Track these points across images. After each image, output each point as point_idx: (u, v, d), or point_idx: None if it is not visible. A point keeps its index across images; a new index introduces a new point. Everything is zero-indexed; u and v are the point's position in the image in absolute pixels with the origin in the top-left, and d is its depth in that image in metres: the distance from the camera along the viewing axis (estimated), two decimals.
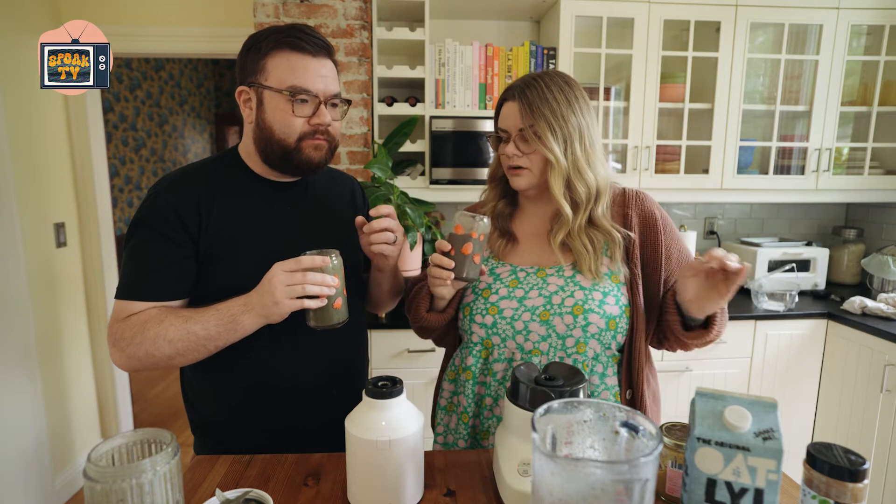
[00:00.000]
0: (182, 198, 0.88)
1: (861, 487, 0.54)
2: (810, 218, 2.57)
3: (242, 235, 0.91)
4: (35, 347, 1.98)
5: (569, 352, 0.89)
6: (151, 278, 0.87)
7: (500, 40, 2.25)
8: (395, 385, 0.71)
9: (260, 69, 0.88)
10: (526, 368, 0.73)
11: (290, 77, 0.86)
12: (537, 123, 0.88)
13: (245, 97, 0.91)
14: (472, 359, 0.95)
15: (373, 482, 0.68)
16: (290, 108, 0.87)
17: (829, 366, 2.01)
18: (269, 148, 0.90)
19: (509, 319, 0.91)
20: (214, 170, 0.94)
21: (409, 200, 1.93)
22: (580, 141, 0.89)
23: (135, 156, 4.03)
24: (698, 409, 0.59)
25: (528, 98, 0.88)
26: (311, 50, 0.87)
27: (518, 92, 0.90)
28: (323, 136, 0.90)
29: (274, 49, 0.87)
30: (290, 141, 0.89)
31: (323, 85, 0.88)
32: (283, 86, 0.86)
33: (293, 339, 0.93)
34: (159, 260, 0.87)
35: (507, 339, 0.91)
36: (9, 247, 1.86)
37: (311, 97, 0.88)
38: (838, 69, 2.12)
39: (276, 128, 0.88)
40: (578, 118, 0.89)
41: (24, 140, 1.98)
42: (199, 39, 2.22)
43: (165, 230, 0.87)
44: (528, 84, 0.90)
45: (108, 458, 0.62)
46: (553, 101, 0.88)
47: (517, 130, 0.90)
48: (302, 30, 0.88)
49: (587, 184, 0.90)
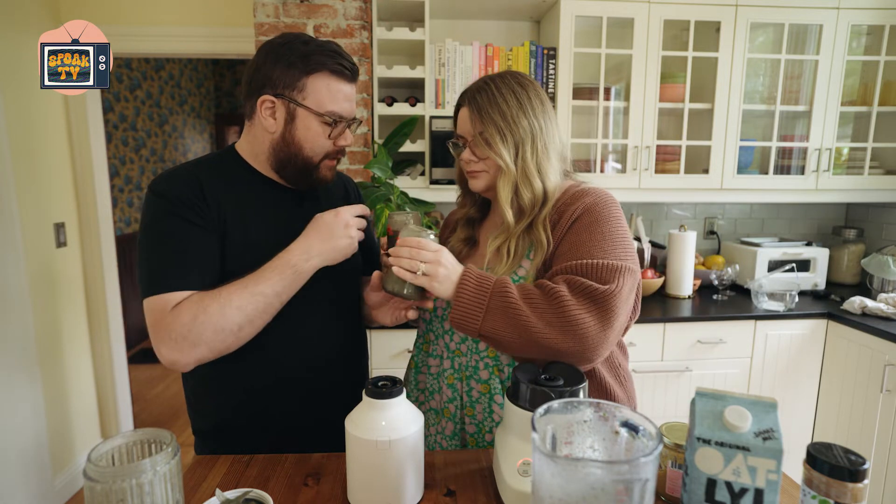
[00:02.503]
0: (187, 187, 0.87)
1: (861, 487, 0.54)
2: (810, 218, 2.57)
3: (245, 225, 0.91)
4: (35, 347, 1.98)
5: (482, 354, 0.90)
6: (182, 267, 0.83)
7: (500, 40, 2.25)
8: (395, 385, 0.71)
9: (298, 86, 0.88)
10: (526, 368, 0.73)
11: (331, 103, 0.89)
12: (487, 130, 0.87)
13: (269, 106, 0.89)
14: (415, 349, 1.01)
15: (373, 482, 0.68)
16: (325, 131, 0.90)
17: (829, 366, 2.01)
18: (290, 161, 0.92)
19: (440, 318, 0.95)
20: (215, 164, 0.94)
21: (409, 200, 1.93)
22: (532, 145, 0.87)
23: (135, 156, 4.03)
24: (698, 409, 0.59)
25: (479, 103, 0.88)
26: (349, 77, 0.91)
27: (469, 98, 0.90)
28: (341, 154, 0.96)
29: (317, 70, 0.88)
30: (316, 160, 0.93)
31: (351, 109, 0.93)
32: (323, 110, 0.89)
33: (293, 339, 0.94)
34: (186, 246, 0.84)
35: (438, 337, 0.96)
36: (9, 247, 1.86)
37: (343, 121, 0.92)
38: (838, 69, 2.12)
39: (307, 146, 0.91)
40: (531, 121, 0.87)
41: (24, 140, 1.98)
42: (199, 39, 2.22)
43: (187, 215, 0.85)
44: (479, 89, 0.89)
45: (108, 458, 0.62)
46: (504, 104, 0.87)
47: (471, 137, 0.90)
48: (342, 54, 0.90)
49: (534, 190, 0.87)
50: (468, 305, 0.78)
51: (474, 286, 0.79)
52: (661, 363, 1.95)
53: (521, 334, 0.76)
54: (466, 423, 0.92)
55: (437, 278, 0.79)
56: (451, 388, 0.93)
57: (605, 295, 0.75)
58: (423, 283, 0.80)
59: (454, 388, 0.92)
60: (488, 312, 0.77)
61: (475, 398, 0.91)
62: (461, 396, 0.92)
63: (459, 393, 0.92)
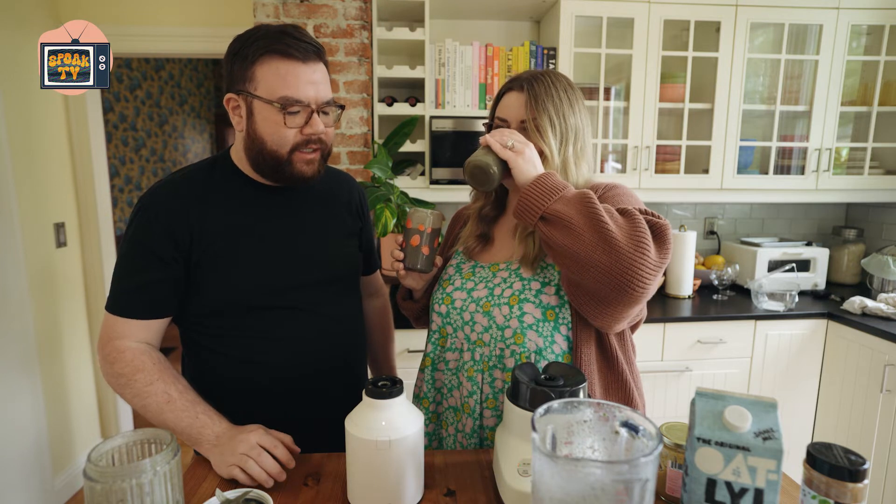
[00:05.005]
0: (173, 212, 0.87)
1: (861, 487, 0.54)
2: (810, 218, 2.57)
3: (237, 246, 0.90)
4: (35, 347, 1.98)
5: (508, 342, 0.89)
6: (134, 297, 0.87)
7: (500, 40, 2.25)
8: (395, 385, 0.71)
9: (248, 77, 0.84)
10: (526, 368, 0.73)
11: (281, 87, 0.83)
12: (540, 117, 0.88)
13: (234, 104, 0.88)
14: (430, 346, 1.00)
15: (373, 482, 0.68)
16: (281, 119, 0.84)
17: (829, 366, 2.01)
18: (260, 158, 0.88)
19: (459, 310, 0.94)
20: (207, 179, 0.93)
21: (408, 200, 1.93)
22: (574, 142, 0.91)
23: (135, 156, 4.03)
24: (698, 409, 0.59)
25: (536, 91, 0.89)
26: (300, 56, 0.83)
27: (526, 83, 0.91)
28: (316, 144, 0.88)
29: (262, 56, 0.83)
30: (283, 152, 0.87)
31: (314, 92, 0.85)
32: (274, 96, 0.83)
33: (293, 338, 0.94)
34: (143, 278, 0.87)
35: (457, 329, 0.95)
36: (9, 247, 1.86)
37: (303, 107, 0.85)
38: (838, 69, 2.12)
39: (268, 139, 0.86)
40: (577, 119, 0.91)
41: (24, 140, 1.98)
42: (199, 39, 2.22)
43: (153, 246, 0.86)
44: (535, 77, 0.91)
45: (108, 458, 0.62)
46: (557, 98, 0.89)
47: (518, 122, 0.91)
48: (289, 33, 0.84)
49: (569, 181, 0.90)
50: (543, 187, 0.78)
51: (555, 176, 0.81)
52: (661, 363, 1.95)
53: (589, 224, 0.73)
54: (486, 418, 0.91)
55: (522, 155, 0.82)
56: (472, 381, 0.91)
57: (665, 229, 0.76)
58: (510, 157, 0.82)
59: (474, 381, 0.91)
60: (563, 198, 0.77)
61: (498, 388, 0.90)
62: (481, 389, 0.91)
63: (480, 385, 0.91)
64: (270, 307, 0.92)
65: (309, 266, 0.96)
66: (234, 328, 0.91)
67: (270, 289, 0.92)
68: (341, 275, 1.01)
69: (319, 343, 0.97)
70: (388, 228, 1.78)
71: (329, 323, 0.98)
